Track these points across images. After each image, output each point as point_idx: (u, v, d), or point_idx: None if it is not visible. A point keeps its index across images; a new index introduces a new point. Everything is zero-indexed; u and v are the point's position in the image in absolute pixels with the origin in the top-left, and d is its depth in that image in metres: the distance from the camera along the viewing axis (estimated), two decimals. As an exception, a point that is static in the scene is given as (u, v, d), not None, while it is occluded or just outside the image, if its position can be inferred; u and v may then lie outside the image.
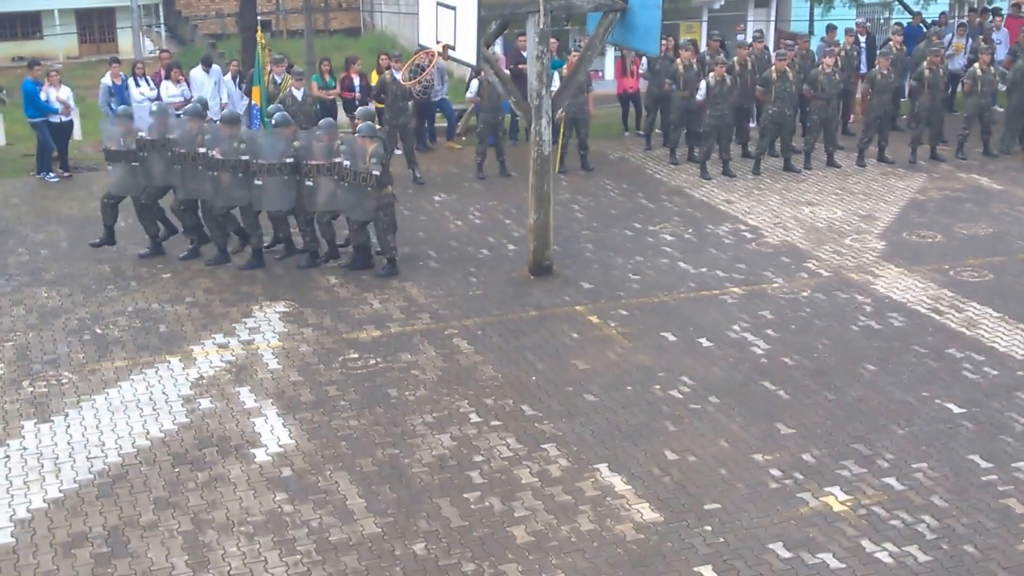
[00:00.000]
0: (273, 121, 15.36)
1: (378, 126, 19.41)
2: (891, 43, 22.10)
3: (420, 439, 10.85)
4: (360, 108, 16.59)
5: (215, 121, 15.59)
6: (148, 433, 10.97)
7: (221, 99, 20.17)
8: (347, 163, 14.53)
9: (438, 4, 14.47)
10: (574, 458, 10.52)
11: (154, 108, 15.89)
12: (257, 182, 14.83)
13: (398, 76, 18.56)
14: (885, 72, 20.07)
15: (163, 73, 20.47)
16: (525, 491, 9.97)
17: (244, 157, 14.76)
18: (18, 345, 12.97)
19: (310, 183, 14.83)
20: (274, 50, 21.36)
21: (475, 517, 9.58)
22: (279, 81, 18.66)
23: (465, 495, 9.90)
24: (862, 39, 23.03)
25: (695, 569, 8.89)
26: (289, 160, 14.77)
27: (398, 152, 19.54)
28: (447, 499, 9.84)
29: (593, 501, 9.82)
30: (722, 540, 9.25)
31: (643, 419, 11.25)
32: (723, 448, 10.69)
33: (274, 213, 15.28)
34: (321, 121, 15.49)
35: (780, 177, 19.76)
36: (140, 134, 15.27)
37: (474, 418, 11.26)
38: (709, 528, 9.42)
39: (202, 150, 14.89)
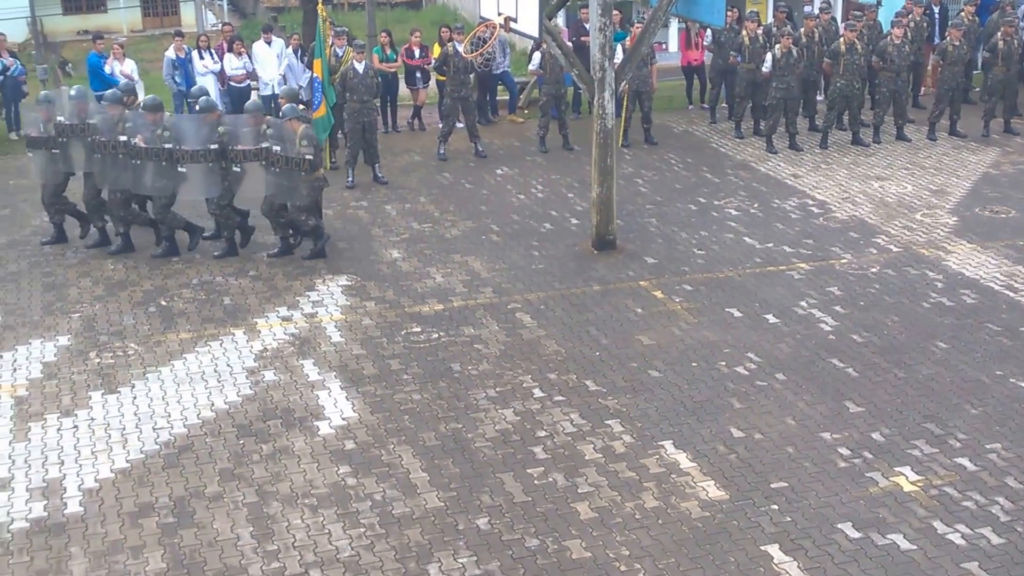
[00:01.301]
0: (198, 106, 14.88)
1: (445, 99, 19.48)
2: (963, 13, 21.63)
3: (483, 413, 10.80)
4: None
5: (139, 108, 15.06)
6: (213, 405, 11.02)
7: (281, 71, 20.20)
8: (276, 148, 14.17)
9: (501, -25, 14.36)
10: (638, 434, 10.43)
11: (72, 93, 15.48)
12: (181, 169, 14.46)
13: (460, 48, 18.45)
14: (957, 43, 19.66)
15: (226, 46, 20.51)
16: (589, 467, 9.89)
17: (167, 145, 14.35)
18: (85, 316, 13.07)
19: (237, 169, 14.50)
20: (335, 23, 21.33)
21: (538, 492, 9.52)
22: (341, 54, 18.62)
23: (528, 470, 9.84)
24: (935, 9, 22.57)
25: (762, 548, 8.77)
26: (214, 146, 14.38)
27: (460, 125, 19.47)
28: (510, 474, 9.79)
29: (658, 478, 9.73)
30: (789, 519, 9.12)
31: (708, 396, 11.12)
32: (790, 426, 10.53)
33: (207, 201, 14.86)
34: (247, 104, 15.15)
35: (848, 151, 19.45)
36: (59, 119, 14.83)
37: (537, 393, 11.19)
38: (776, 507, 9.29)
39: (123, 138, 14.49)
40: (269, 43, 20.44)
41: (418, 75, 20.97)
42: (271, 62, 20.28)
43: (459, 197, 17.24)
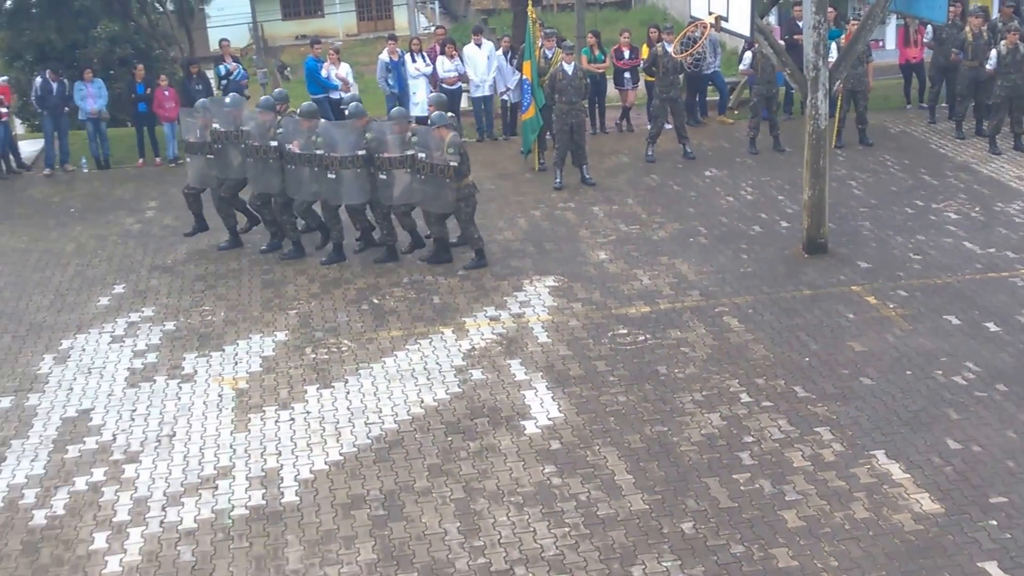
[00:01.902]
0: (347, 111, 14.93)
1: (655, 100, 19.43)
2: None
3: (689, 417, 10.72)
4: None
5: (294, 114, 15.31)
6: (422, 401, 11.26)
7: (491, 73, 20.49)
8: (422, 155, 14.15)
9: (713, -25, 14.22)
10: (849, 443, 10.17)
11: (228, 101, 15.78)
12: (330, 175, 14.56)
13: (669, 49, 18.35)
14: None
15: (438, 49, 20.90)
16: (797, 475, 9.71)
17: (319, 151, 14.50)
18: (301, 313, 13.53)
19: (384, 176, 14.49)
20: (545, 24, 21.51)
21: (744, 499, 9.40)
22: (550, 55, 18.77)
23: (734, 476, 9.72)
24: None
25: (979, 565, 8.44)
26: (361, 152, 14.43)
27: (668, 127, 19.36)
28: (716, 479, 9.69)
29: (869, 488, 9.47)
30: (1009, 536, 8.75)
31: (923, 405, 10.76)
32: (1011, 439, 10.10)
33: (352, 206, 14.87)
34: (392, 111, 15.01)
35: (1078, 152, 18.55)
36: (215, 126, 15.16)
37: (744, 398, 11.04)
38: (995, 522, 8.92)
39: (273, 143, 14.72)
40: (479, 45, 20.73)
41: (627, 76, 20.97)
42: (482, 64, 20.58)
43: (667, 199, 17.16)
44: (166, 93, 20.13)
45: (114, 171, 20.33)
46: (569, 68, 17.66)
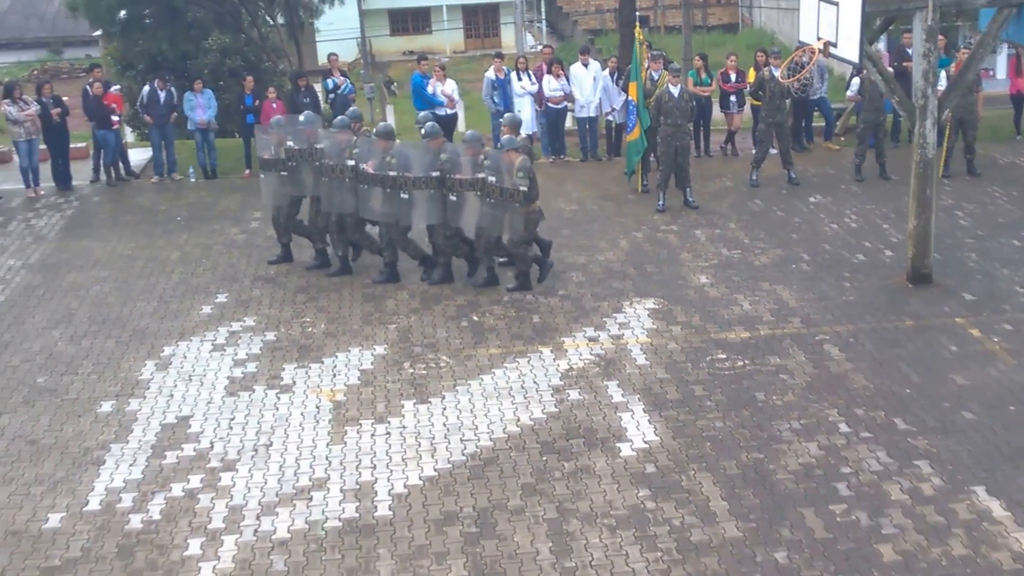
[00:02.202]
0: (423, 132, 14.94)
1: (760, 125, 19.31)
2: None
3: (786, 445, 10.62)
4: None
5: (369, 134, 15.36)
6: (519, 420, 11.30)
7: (597, 93, 20.53)
8: (492, 179, 14.08)
9: None
10: (948, 478, 10.00)
11: (302, 119, 15.73)
12: (403, 196, 14.52)
13: (776, 73, 18.24)
14: None
15: (544, 67, 20.98)
16: (894, 508, 9.57)
17: (392, 172, 14.48)
18: (401, 328, 13.66)
19: (454, 198, 14.43)
20: (652, 46, 21.50)
21: (840, 530, 9.28)
22: (656, 77, 18.76)
23: (831, 506, 9.61)
24: None
25: (1082, 609, 8.26)
26: (435, 173, 14.38)
27: (773, 152, 19.22)
28: (812, 509, 9.59)
29: (967, 525, 9.30)
30: (1114, 581, 8.55)
31: (1027, 442, 10.55)
32: (1119, 481, 9.86)
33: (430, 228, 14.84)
34: (467, 135, 15.02)
35: None
36: (288, 143, 15.22)
37: (843, 428, 10.91)
38: (1100, 566, 8.72)
39: (350, 162, 14.73)
40: (586, 65, 20.78)
41: (733, 99, 20.88)
42: (587, 84, 20.63)
43: (770, 224, 17.03)
44: (274, 105, 20.44)
45: (221, 181, 20.74)
46: (675, 90, 17.64)
